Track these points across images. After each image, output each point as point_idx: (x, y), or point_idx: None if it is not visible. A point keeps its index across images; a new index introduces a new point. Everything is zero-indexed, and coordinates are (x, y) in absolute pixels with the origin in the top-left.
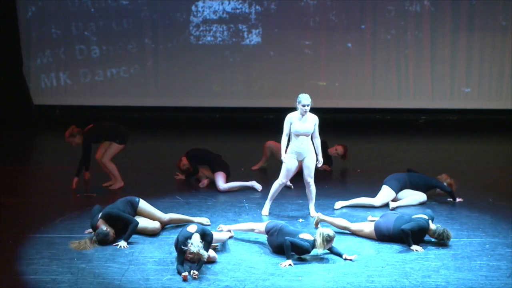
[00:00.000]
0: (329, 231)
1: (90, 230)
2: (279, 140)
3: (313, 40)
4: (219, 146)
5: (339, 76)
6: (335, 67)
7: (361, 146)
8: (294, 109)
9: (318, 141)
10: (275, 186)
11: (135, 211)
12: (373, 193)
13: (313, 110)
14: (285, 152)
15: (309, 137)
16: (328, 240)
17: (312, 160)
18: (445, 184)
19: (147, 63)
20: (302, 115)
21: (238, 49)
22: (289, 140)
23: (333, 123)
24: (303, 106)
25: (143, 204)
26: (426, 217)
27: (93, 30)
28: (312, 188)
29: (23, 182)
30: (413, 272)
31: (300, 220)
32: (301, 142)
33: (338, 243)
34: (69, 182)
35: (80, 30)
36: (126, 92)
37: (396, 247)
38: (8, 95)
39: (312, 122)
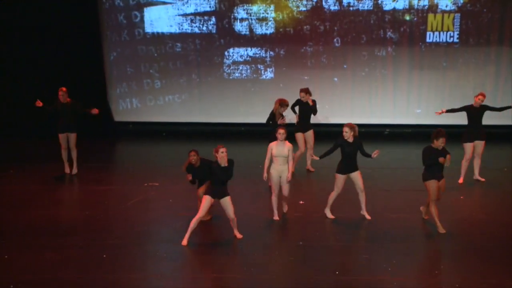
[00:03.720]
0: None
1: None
2: None
3: (310, 76)
4: (243, 149)
5: (328, 101)
6: (325, 95)
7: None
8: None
9: (291, 163)
10: (272, 199)
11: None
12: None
13: (312, 124)
14: (267, 171)
15: (286, 160)
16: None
17: (287, 179)
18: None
19: (193, 92)
20: (280, 140)
21: (257, 82)
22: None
23: (323, 134)
24: (279, 134)
25: (227, 200)
26: None
27: (156, 69)
28: (285, 200)
29: (106, 175)
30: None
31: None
32: (278, 163)
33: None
34: (137, 175)
35: (147, 68)
36: (178, 112)
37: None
38: (97, 115)
39: (286, 148)
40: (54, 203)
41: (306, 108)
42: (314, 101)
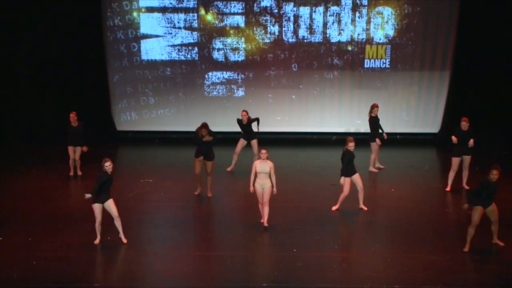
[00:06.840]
0: None
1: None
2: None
3: (273, 94)
4: (219, 152)
5: (288, 113)
6: (285, 109)
7: (297, 156)
8: (262, 132)
9: (273, 178)
10: (259, 206)
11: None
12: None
13: (276, 133)
14: (253, 185)
15: (268, 175)
16: None
17: (269, 190)
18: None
19: (180, 107)
20: (263, 159)
21: (231, 99)
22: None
23: (283, 140)
24: (262, 154)
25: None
26: None
27: (150, 88)
28: (267, 208)
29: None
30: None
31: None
32: (261, 178)
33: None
34: (135, 173)
35: (143, 88)
36: (169, 123)
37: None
38: (103, 125)
39: (268, 166)
40: (69, 196)
41: (244, 125)
42: (250, 118)
